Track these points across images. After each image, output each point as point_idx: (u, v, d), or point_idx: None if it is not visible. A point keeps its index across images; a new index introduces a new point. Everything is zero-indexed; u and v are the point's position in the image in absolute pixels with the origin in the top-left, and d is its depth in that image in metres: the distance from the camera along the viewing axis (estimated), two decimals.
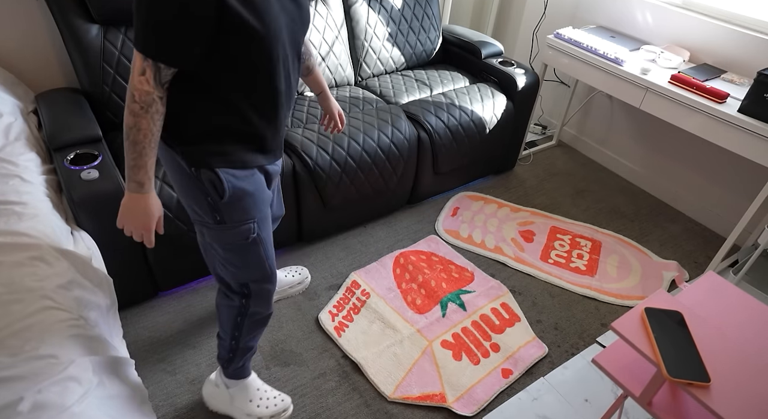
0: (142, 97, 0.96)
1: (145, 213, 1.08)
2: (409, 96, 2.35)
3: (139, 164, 1.02)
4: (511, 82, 2.39)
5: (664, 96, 2.03)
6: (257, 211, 1.20)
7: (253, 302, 1.33)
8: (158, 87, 0.97)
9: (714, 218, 2.41)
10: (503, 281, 2.04)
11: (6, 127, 1.62)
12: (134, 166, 1.02)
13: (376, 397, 1.61)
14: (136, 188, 1.04)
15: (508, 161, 2.68)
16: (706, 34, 2.19)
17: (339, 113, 1.55)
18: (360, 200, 2.13)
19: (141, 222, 1.08)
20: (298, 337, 1.78)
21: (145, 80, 0.95)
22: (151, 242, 1.12)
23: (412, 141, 2.12)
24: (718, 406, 0.97)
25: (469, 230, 2.30)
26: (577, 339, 1.84)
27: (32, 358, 1.10)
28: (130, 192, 1.05)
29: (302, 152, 1.91)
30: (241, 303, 1.32)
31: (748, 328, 1.20)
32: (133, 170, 1.02)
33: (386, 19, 2.44)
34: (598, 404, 1.63)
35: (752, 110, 1.80)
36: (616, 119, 2.73)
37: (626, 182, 2.74)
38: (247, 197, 1.17)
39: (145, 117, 0.97)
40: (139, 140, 0.99)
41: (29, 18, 1.82)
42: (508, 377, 1.68)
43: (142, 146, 1.00)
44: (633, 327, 1.11)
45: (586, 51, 2.28)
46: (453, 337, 1.80)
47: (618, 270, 2.13)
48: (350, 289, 1.95)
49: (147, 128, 0.99)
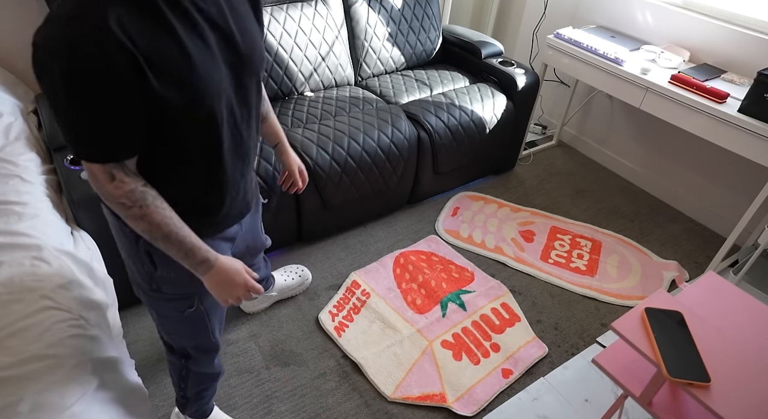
0: (132, 198, 0.83)
1: (234, 275, 0.97)
2: (409, 96, 2.35)
3: (187, 249, 0.90)
4: (511, 82, 2.39)
5: (664, 96, 2.03)
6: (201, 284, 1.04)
7: (194, 364, 1.26)
8: (135, 178, 0.84)
9: (714, 218, 2.41)
10: (503, 281, 2.04)
11: (6, 127, 1.62)
12: (185, 255, 0.91)
13: (376, 397, 1.61)
14: (206, 268, 0.94)
15: (508, 161, 2.68)
16: (706, 34, 2.19)
17: (300, 169, 1.35)
18: (360, 200, 2.13)
19: (235, 289, 0.98)
20: (298, 337, 1.78)
21: (120, 183, 0.81)
22: (258, 289, 1.01)
23: (412, 141, 2.12)
24: (718, 406, 0.97)
25: (469, 230, 2.30)
26: (577, 339, 1.84)
27: (32, 358, 1.10)
28: (203, 275, 0.95)
29: (302, 152, 1.91)
30: (182, 363, 1.27)
31: (748, 328, 1.20)
32: (188, 257, 0.91)
33: (386, 19, 2.44)
34: (598, 404, 1.63)
35: (752, 110, 1.80)
36: (616, 119, 2.73)
37: (626, 182, 2.74)
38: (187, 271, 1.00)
39: (152, 211, 0.85)
40: (165, 233, 0.87)
41: (29, 18, 1.82)
42: (508, 377, 1.68)
43: (175, 234, 0.88)
44: (633, 327, 1.11)
45: (586, 51, 2.28)
46: (453, 337, 1.80)
47: (618, 270, 2.13)
48: (350, 289, 1.95)
49: (162, 218, 0.86)
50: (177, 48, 0.78)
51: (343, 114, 2.16)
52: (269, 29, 2.11)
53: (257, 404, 1.57)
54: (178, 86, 0.79)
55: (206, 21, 0.82)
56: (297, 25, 2.18)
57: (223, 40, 0.85)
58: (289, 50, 2.17)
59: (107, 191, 0.82)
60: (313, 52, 2.24)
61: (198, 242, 0.91)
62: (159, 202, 0.86)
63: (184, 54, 0.78)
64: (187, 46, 0.79)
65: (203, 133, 0.87)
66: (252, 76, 0.93)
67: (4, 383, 1.04)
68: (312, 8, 2.23)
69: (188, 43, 0.79)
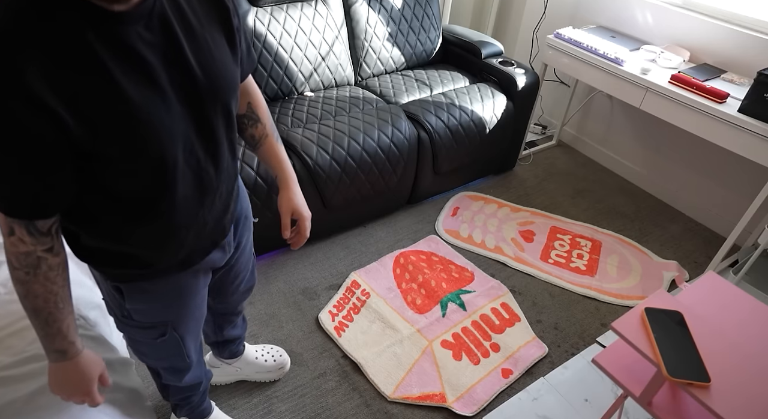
0: (23, 261, 0.73)
1: (80, 380, 0.86)
2: (409, 96, 2.35)
3: (50, 333, 0.79)
4: (511, 82, 2.39)
5: (664, 96, 2.03)
6: (174, 315, 1.01)
7: (168, 380, 1.22)
8: (40, 240, 0.72)
9: (714, 218, 2.41)
10: (503, 281, 2.04)
11: None
12: (45, 335, 0.80)
13: (376, 397, 1.61)
14: (57, 357, 0.83)
15: (508, 161, 2.68)
16: (706, 34, 2.19)
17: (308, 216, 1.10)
18: (360, 200, 2.13)
19: (76, 390, 0.87)
20: (298, 337, 1.78)
21: (18, 240, 0.71)
22: (96, 402, 0.90)
23: (412, 141, 2.12)
24: (718, 406, 0.97)
25: (469, 230, 2.30)
26: (577, 339, 1.84)
27: (32, 358, 1.10)
28: (52, 362, 0.84)
29: (302, 152, 1.91)
30: (157, 378, 1.24)
31: (748, 328, 1.20)
32: (46, 339, 0.80)
33: (386, 19, 2.44)
34: (598, 404, 1.63)
35: (752, 109, 1.80)
36: (616, 119, 2.73)
37: (626, 182, 2.74)
38: (158, 304, 0.97)
39: (36, 281, 0.74)
40: (39, 307, 0.77)
41: None
42: (508, 377, 1.68)
43: (47, 313, 0.77)
44: (633, 327, 1.11)
45: (586, 51, 2.28)
46: (453, 337, 1.80)
47: (618, 270, 2.13)
48: (350, 289, 1.95)
49: (44, 292, 0.76)
50: (113, 94, 0.67)
51: (343, 114, 2.16)
52: (269, 29, 2.11)
53: (257, 404, 1.57)
54: (115, 138, 0.69)
55: (156, 56, 0.72)
56: (297, 25, 2.18)
57: (179, 75, 0.75)
58: (289, 50, 2.17)
59: (3, 244, 0.72)
60: (313, 52, 2.24)
61: (68, 330, 0.81)
62: (53, 274, 0.76)
63: (122, 100, 0.68)
64: (126, 90, 0.68)
65: (148, 184, 0.77)
66: (218, 107, 0.83)
67: (4, 383, 1.04)
68: (312, 8, 2.23)
69: (127, 88, 0.68)
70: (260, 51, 2.10)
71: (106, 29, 0.66)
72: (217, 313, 1.35)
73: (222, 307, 1.32)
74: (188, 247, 0.93)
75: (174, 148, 0.76)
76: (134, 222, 0.82)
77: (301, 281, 1.99)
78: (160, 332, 1.01)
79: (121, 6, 0.66)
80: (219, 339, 1.46)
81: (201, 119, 0.80)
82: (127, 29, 0.68)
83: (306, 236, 1.10)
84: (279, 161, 1.07)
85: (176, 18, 0.75)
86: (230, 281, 1.21)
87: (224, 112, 0.85)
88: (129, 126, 0.70)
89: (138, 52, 0.69)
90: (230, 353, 1.54)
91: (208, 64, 0.79)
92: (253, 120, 1.04)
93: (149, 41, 0.71)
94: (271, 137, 1.07)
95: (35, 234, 0.72)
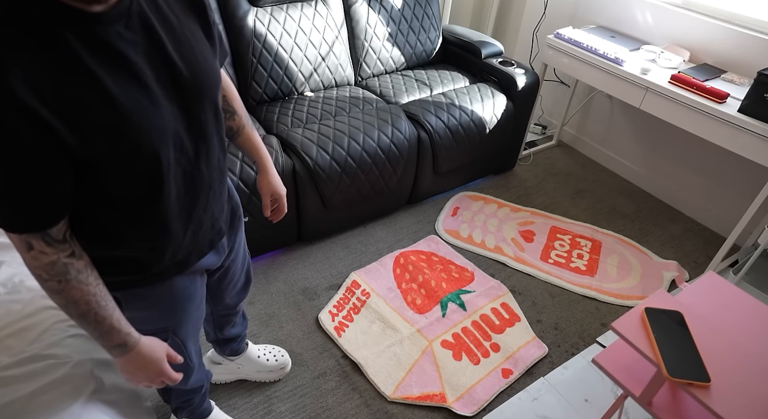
0: (50, 271, 0.73)
1: (150, 365, 0.89)
2: (409, 96, 2.35)
3: (104, 331, 0.81)
4: (511, 82, 2.39)
5: (664, 96, 2.03)
6: (174, 319, 1.01)
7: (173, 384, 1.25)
8: (59, 247, 0.73)
9: (714, 218, 2.41)
10: (503, 281, 2.04)
11: None
12: (101, 335, 0.82)
13: (376, 397, 1.61)
14: (121, 352, 0.85)
15: (508, 161, 2.68)
16: (706, 34, 2.19)
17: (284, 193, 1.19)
18: (360, 200, 2.13)
19: (151, 375, 0.90)
20: (298, 337, 1.78)
21: (39, 253, 0.72)
22: (173, 379, 0.94)
23: (412, 141, 2.12)
24: (718, 406, 0.97)
25: (469, 230, 2.30)
26: (577, 339, 1.84)
27: (32, 358, 1.10)
28: (117, 357, 0.86)
29: (302, 152, 1.91)
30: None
31: (748, 328, 1.20)
32: (103, 338, 0.82)
33: (386, 19, 2.44)
34: (598, 404, 1.63)
35: (752, 109, 1.80)
36: (616, 119, 2.73)
37: (626, 182, 2.74)
38: (156, 310, 0.97)
39: (70, 287, 0.75)
40: (83, 310, 0.77)
41: None
42: (508, 377, 1.68)
43: (94, 313, 0.78)
44: (633, 327, 1.11)
45: (586, 51, 2.28)
46: (453, 337, 1.80)
47: (618, 270, 2.13)
48: (350, 289, 1.95)
49: (81, 295, 0.76)
50: (101, 98, 0.67)
51: (343, 114, 2.16)
52: (269, 29, 2.11)
53: (257, 404, 1.57)
54: (104, 140, 0.68)
55: (140, 55, 0.71)
56: (297, 25, 2.18)
57: (164, 73, 0.75)
58: (289, 50, 2.17)
59: (25, 261, 0.73)
60: (313, 52, 2.24)
61: (119, 323, 0.82)
62: (83, 276, 0.76)
63: (111, 104, 0.68)
64: (114, 93, 0.68)
65: (141, 186, 0.77)
66: (205, 104, 0.83)
67: (4, 383, 1.04)
68: (312, 8, 2.23)
69: (115, 90, 0.68)
70: (260, 51, 2.10)
71: (86, 30, 0.65)
72: (216, 313, 1.35)
73: (220, 308, 1.33)
74: (185, 248, 0.93)
75: (166, 148, 0.76)
76: (130, 225, 0.82)
77: (301, 281, 1.99)
78: (162, 338, 1.01)
79: (100, 6, 0.65)
80: (219, 337, 1.46)
81: (190, 116, 0.80)
82: (107, 29, 0.67)
83: (284, 211, 1.21)
84: (256, 148, 1.12)
85: (155, 15, 0.74)
86: (226, 283, 1.21)
87: (213, 107, 0.86)
88: (117, 127, 0.69)
89: (121, 51, 0.69)
90: (231, 351, 1.54)
91: (190, 59, 0.79)
92: (230, 113, 1.06)
93: (131, 40, 0.70)
94: (248, 127, 1.10)
95: (53, 243, 0.72)
